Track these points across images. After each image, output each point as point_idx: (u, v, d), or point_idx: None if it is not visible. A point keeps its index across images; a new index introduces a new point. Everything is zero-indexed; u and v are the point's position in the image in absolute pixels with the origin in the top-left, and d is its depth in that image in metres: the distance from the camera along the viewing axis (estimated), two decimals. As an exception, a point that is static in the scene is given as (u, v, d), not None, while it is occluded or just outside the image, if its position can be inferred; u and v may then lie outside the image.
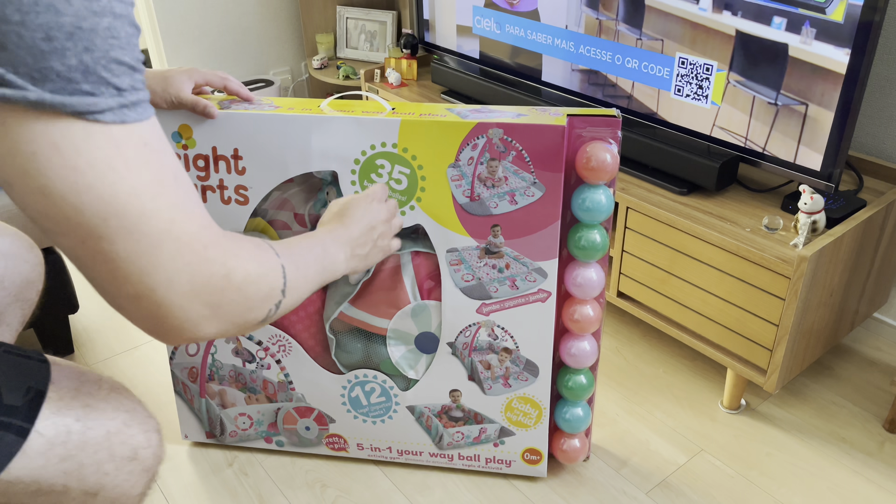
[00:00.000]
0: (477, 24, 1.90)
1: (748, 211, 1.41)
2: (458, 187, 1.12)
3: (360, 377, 1.28)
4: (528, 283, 1.17)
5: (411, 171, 1.11)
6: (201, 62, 2.38)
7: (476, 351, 1.23)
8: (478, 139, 1.08)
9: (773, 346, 1.32)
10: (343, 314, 1.24)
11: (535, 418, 1.27)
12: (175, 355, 1.32)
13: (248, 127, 1.11)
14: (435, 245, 1.16)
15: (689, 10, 1.41)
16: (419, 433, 1.31)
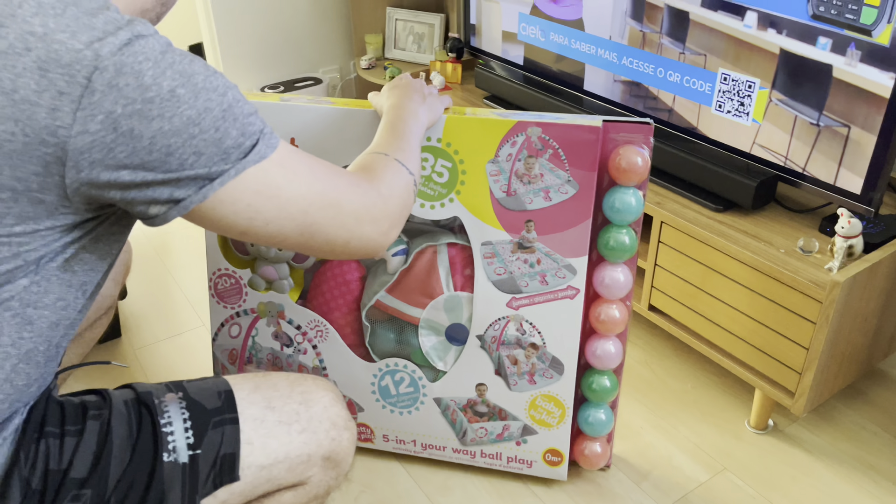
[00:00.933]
0: (522, 31, 1.92)
1: (784, 231, 1.40)
2: (495, 182, 1.17)
3: (390, 366, 1.31)
4: (558, 280, 1.20)
5: (453, 164, 1.17)
6: (254, 58, 2.44)
7: (504, 345, 1.25)
8: (517, 136, 1.13)
9: (802, 369, 1.31)
10: (379, 302, 1.28)
11: (558, 418, 1.29)
12: (217, 337, 1.38)
13: (305, 118, 1.18)
14: (470, 237, 1.21)
15: (734, 26, 1.40)
16: (444, 427, 1.34)
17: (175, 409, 0.84)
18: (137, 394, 0.85)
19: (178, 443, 0.82)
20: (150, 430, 0.81)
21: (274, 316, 1.33)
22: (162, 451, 0.81)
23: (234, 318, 1.35)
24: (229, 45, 2.38)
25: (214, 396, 0.88)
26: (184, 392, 0.87)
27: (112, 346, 1.74)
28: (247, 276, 1.31)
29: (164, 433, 0.81)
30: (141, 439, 0.80)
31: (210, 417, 0.85)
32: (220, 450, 0.84)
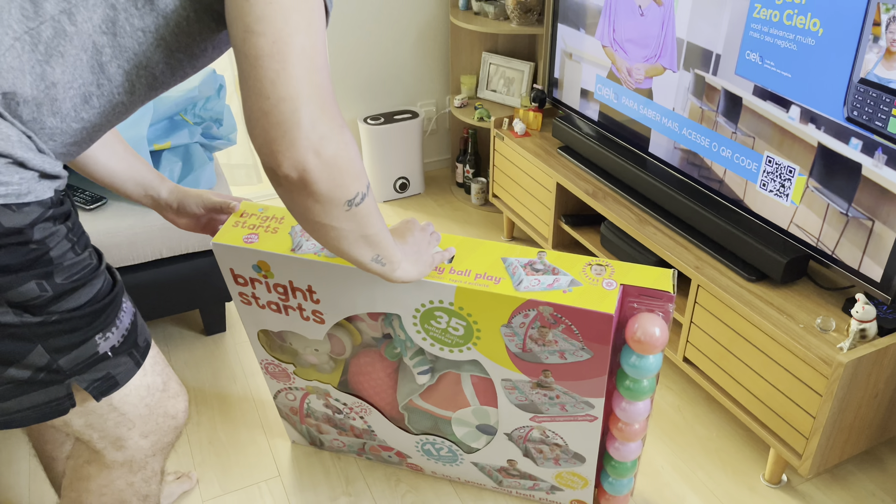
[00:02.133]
0: (598, 91, 2.10)
1: (809, 307, 1.53)
2: (510, 341, 1.21)
3: (429, 439, 1.50)
4: (577, 409, 1.29)
5: (467, 324, 1.21)
6: (360, 89, 2.73)
7: (530, 441, 1.40)
8: (529, 311, 1.15)
9: (809, 434, 1.45)
10: (412, 401, 1.45)
11: (581, 485, 1.46)
12: (277, 397, 1.58)
13: (319, 271, 1.22)
14: (491, 375, 1.29)
15: (780, 116, 1.54)
16: (482, 477, 1.55)
17: (125, 317, 0.97)
18: (115, 281, 0.98)
19: (112, 338, 0.94)
20: (110, 309, 0.95)
21: (322, 395, 1.51)
22: (99, 333, 0.93)
23: (288, 390, 1.54)
24: (340, 74, 2.68)
25: (144, 341, 1.01)
26: (135, 314, 1.00)
27: (218, 339, 2.06)
28: (291, 367, 1.47)
29: (115, 321, 0.95)
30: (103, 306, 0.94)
31: (132, 349, 0.98)
32: (116, 369, 0.96)
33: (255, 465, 1.66)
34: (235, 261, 1.27)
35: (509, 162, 2.36)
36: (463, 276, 1.17)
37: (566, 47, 2.19)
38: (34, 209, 0.84)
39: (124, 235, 1.75)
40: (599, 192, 2.02)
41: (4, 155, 0.80)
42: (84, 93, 0.84)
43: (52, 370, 0.90)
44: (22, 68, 0.78)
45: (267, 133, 0.79)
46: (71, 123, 0.86)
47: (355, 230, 0.93)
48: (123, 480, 1.07)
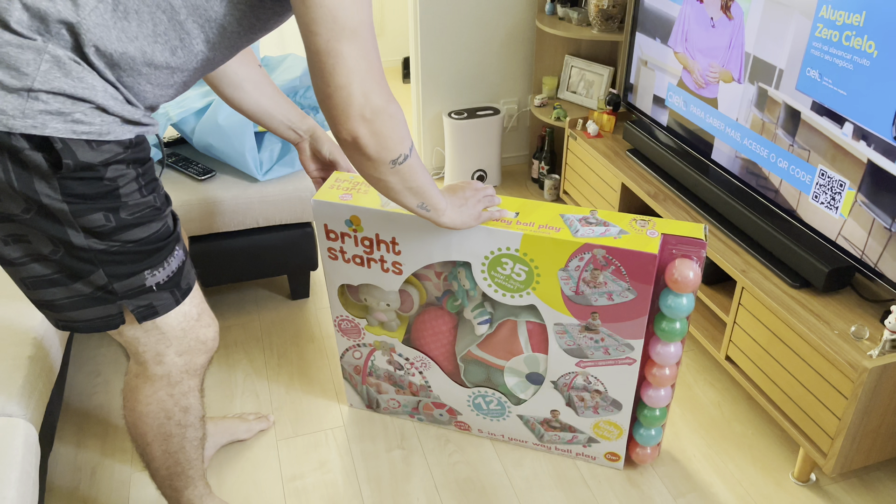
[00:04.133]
0: (669, 98, 2.20)
1: (847, 316, 1.60)
2: (566, 284, 1.41)
3: (481, 392, 1.68)
4: (619, 352, 1.48)
5: (529, 269, 1.41)
6: (448, 84, 2.91)
7: (573, 389, 1.58)
8: (584, 254, 1.35)
9: (834, 435, 1.53)
10: (470, 352, 1.63)
11: (616, 435, 1.62)
12: (343, 357, 1.78)
13: (404, 223, 1.44)
14: (545, 319, 1.48)
15: (834, 132, 1.62)
16: (525, 431, 1.71)
17: (174, 262, 1.18)
18: (173, 231, 1.19)
19: (158, 276, 1.16)
20: (161, 253, 1.16)
21: (387, 351, 1.71)
22: (148, 269, 1.14)
23: (356, 347, 1.75)
24: (430, 71, 2.87)
25: (187, 285, 1.22)
26: (183, 261, 1.21)
27: (301, 304, 2.30)
28: (363, 323, 1.68)
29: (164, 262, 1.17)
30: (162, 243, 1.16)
31: (174, 289, 1.20)
32: (158, 301, 1.18)
33: (323, 415, 1.88)
34: (331, 216, 1.50)
35: (580, 161, 2.48)
36: (528, 227, 1.38)
37: (642, 55, 2.29)
38: (111, 148, 1.05)
39: (227, 205, 2.00)
40: (661, 194, 2.13)
41: (88, 101, 1.00)
42: (170, 46, 1.04)
43: (108, 291, 1.13)
44: (106, 25, 0.97)
45: (330, 111, 1.04)
46: (163, 71, 1.06)
47: (400, 182, 1.17)
48: (164, 392, 1.30)
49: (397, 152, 1.11)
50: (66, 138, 1.00)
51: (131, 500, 1.65)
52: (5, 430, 1.31)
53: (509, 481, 1.69)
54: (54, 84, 0.97)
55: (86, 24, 0.96)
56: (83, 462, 1.74)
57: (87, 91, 1.00)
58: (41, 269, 1.10)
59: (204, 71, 1.14)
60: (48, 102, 0.98)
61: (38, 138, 0.99)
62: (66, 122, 0.99)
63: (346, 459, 1.75)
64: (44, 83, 0.97)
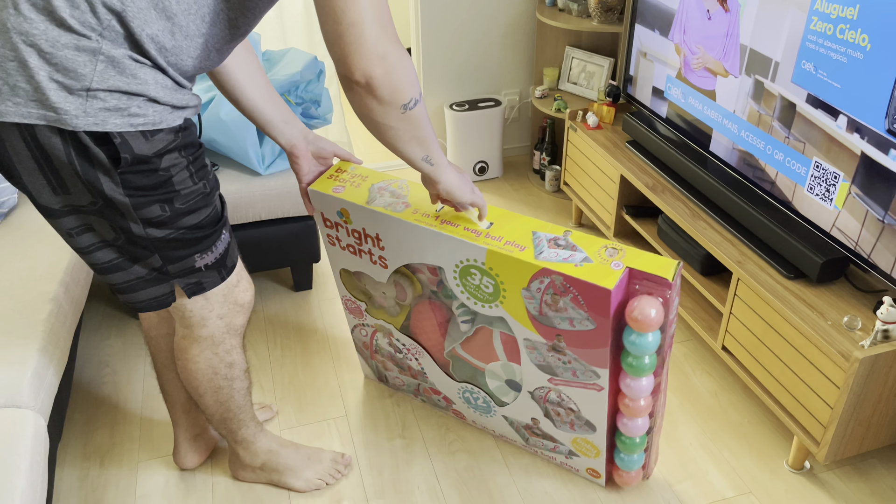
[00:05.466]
0: (668, 90, 2.21)
1: (841, 306, 1.62)
2: (530, 303, 1.39)
3: (468, 388, 1.70)
4: (586, 377, 1.44)
5: (495, 283, 1.40)
6: (449, 76, 2.93)
7: (548, 403, 1.57)
8: (544, 278, 1.32)
9: (826, 423, 1.55)
10: (454, 350, 1.66)
11: (594, 454, 1.61)
12: (353, 332, 1.84)
13: (385, 222, 1.47)
14: (515, 333, 1.47)
15: (829, 124, 1.63)
16: (512, 432, 1.74)
17: (221, 245, 1.28)
18: (221, 216, 1.28)
19: (206, 258, 1.26)
20: (210, 238, 1.25)
21: (386, 334, 1.75)
22: (198, 253, 1.24)
23: (362, 326, 1.80)
24: (430, 59, 2.88)
25: (231, 262, 1.32)
26: (229, 243, 1.31)
27: (304, 295, 2.33)
28: (363, 305, 1.72)
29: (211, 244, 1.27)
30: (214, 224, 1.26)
31: (221, 268, 1.31)
32: (206, 279, 1.29)
33: (326, 405, 1.91)
34: (325, 206, 1.55)
35: (580, 152, 2.50)
36: (495, 241, 1.36)
37: (642, 46, 2.30)
38: (164, 137, 1.12)
39: (230, 198, 2.03)
40: (659, 185, 2.15)
41: (141, 94, 1.07)
42: (200, 14, 1.07)
43: (163, 272, 1.25)
44: (147, 8, 1.02)
45: (342, 50, 1.02)
46: (197, 41, 1.10)
47: (409, 130, 1.16)
48: (210, 351, 1.41)
49: (409, 95, 1.10)
50: (124, 132, 1.07)
51: (139, 488, 1.69)
52: (15, 421, 1.35)
53: (508, 470, 1.72)
54: (110, 83, 1.04)
55: (130, 10, 1.01)
56: (92, 451, 1.79)
57: (140, 86, 1.07)
58: (106, 255, 1.21)
59: (232, 37, 1.17)
60: (106, 100, 1.05)
61: (99, 134, 1.06)
62: (124, 117, 1.07)
63: (348, 448, 1.79)
64: (101, 83, 1.03)
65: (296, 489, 1.66)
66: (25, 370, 1.43)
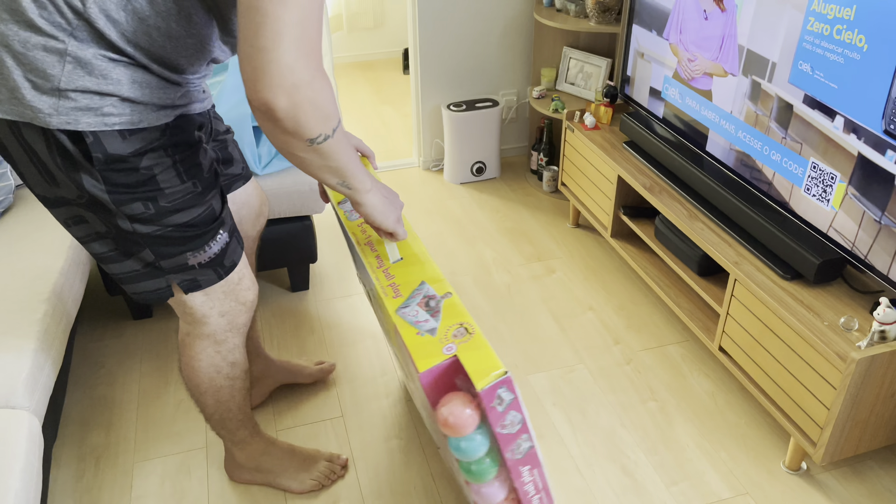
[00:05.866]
0: (665, 90, 2.21)
1: (838, 307, 1.62)
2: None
3: None
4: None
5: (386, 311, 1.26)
6: (447, 76, 2.93)
7: None
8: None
9: (823, 424, 1.55)
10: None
11: None
12: None
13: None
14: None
15: (826, 125, 1.63)
16: None
17: (215, 246, 1.25)
18: (218, 217, 1.25)
19: (199, 257, 1.24)
20: (203, 238, 1.23)
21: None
22: (190, 252, 1.22)
23: None
24: (427, 59, 2.88)
25: (231, 262, 1.30)
26: (227, 244, 1.28)
27: (301, 296, 2.32)
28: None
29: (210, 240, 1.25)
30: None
31: (217, 267, 1.29)
32: (201, 277, 1.27)
33: (322, 406, 1.91)
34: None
35: (577, 153, 2.50)
36: (384, 279, 1.27)
37: (639, 47, 2.30)
38: (146, 136, 1.10)
39: (227, 198, 2.03)
40: (656, 186, 2.14)
41: (114, 95, 1.05)
42: (184, 14, 1.04)
43: (156, 267, 1.24)
44: (115, 8, 1.00)
45: (247, 72, 0.94)
46: (185, 40, 1.07)
47: (317, 161, 1.07)
48: (212, 349, 1.41)
49: (317, 131, 1.01)
50: (97, 131, 1.06)
51: (134, 489, 1.69)
52: (9, 421, 1.34)
53: (504, 470, 1.72)
54: (79, 83, 1.03)
55: (92, 12, 1.00)
56: (87, 452, 1.78)
57: (111, 86, 1.05)
58: (100, 247, 1.22)
59: (231, 31, 1.14)
60: (77, 100, 1.04)
61: (73, 133, 1.06)
62: (98, 116, 1.05)
63: (344, 450, 1.78)
64: (69, 83, 1.03)
65: (291, 490, 1.66)
66: (20, 370, 1.43)
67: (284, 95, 0.94)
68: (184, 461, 1.75)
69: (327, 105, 1.00)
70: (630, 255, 2.28)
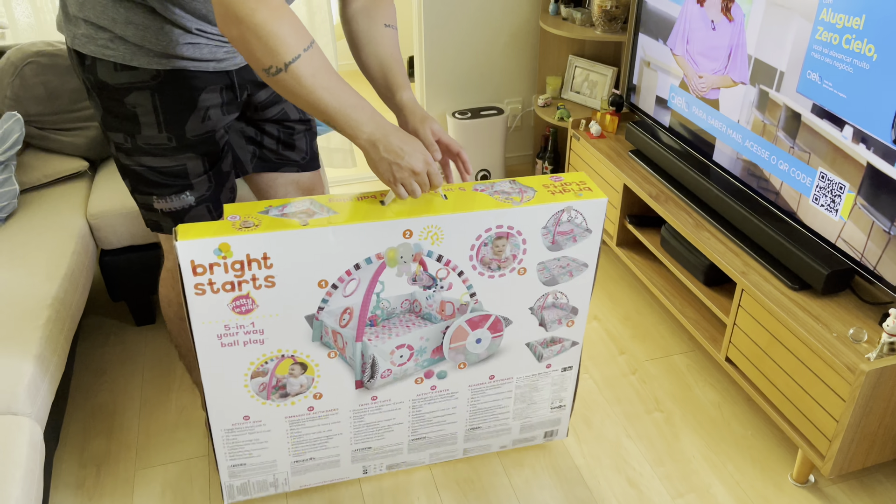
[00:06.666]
0: (671, 99, 2.20)
1: (846, 318, 1.60)
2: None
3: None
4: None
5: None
6: (452, 84, 2.92)
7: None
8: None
9: (832, 436, 1.53)
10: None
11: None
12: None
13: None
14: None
15: (835, 134, 1.62)
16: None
17: (178, 202, 1.36)
18: (190, 182, 1.35)
19: (163, 205, 1.36)
20: (169, 189, 1.34)
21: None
22: (155, 196, 1.34)
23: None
24: (433, 67, 2.88)
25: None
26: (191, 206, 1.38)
27: (304, 304, 2.31)
28: None
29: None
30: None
31: (177, 221, 1.39)
32: (164, 221, 1.38)
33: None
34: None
35: (583, 161, 2.49)
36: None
37: (645, 56, 2.29)
38: (137, 74, 1.19)
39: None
40: (662, 195, 2.13)
41: (108, 30, 1.15)
42: None
43: (133, 196, 1.38)
44: None
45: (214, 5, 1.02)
46: None
47: (283, 92, 1.07)
48: (170, 283, 1.50)
49: (266, 63, 1.03)
50: (96, 57, 1.17)
51: (136, 497, 1.67)
52: (10, 428, 1.33)
53: (509, 481, 1.70)
54: (82, 13, 1.15)
55: None
56: (88, 460, 1.77)
57: (106, 21, 1.15)
58: (114, 163, 1.44)
59: None
60: (81, 27, 1.17)
61: (81, 54, 1.19)
62: (97, 46, 1.17)
63: (347, 458, 1.77)
64: (77, 11, 1.16)
65: None
66: (22, 377, 1.42)
67: (233, 27, 1.01)
68: (185, 469, 1.74)
69: (271, 38, 1.00)
70: (635, 265, 2.27)
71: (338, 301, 1.36)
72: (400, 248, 1.33)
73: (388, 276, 1.36)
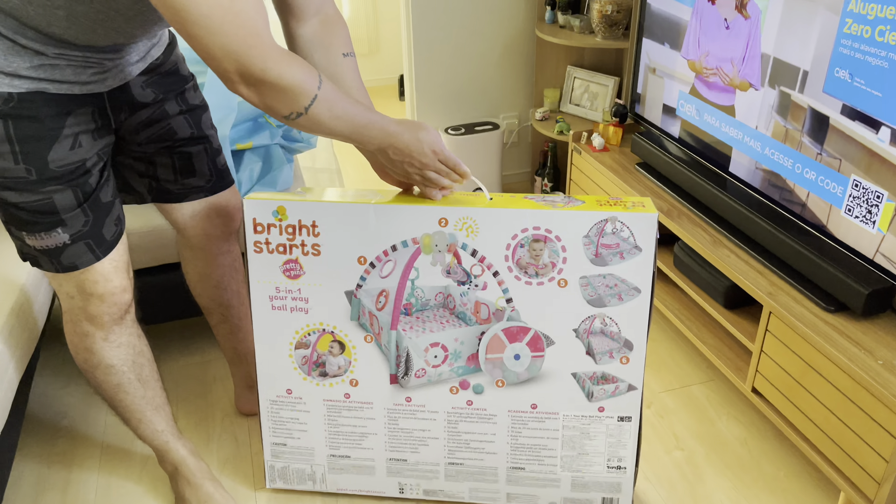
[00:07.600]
0: (680, 107, 2.04)
1: (891, 343, 1.42)
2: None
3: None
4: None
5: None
6: (445, 99, 2.77)
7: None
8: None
9: (881, 479, 1.34)
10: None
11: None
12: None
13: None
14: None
15: (869, 137, 1.45)
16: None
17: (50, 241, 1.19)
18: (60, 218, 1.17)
19: (34, 243, 1.18)
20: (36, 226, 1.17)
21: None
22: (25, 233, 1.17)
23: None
24: (423, 80, 2.72)
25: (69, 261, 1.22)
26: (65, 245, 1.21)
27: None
28: None
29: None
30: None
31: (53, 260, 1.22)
32: (41, 258, 1.21)
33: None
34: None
35: (586, 176, 2.32)
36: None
37: (650, 62, 2.14)
38: None
39: (203, 229, 1.84)
40: (675, 210, 1.96)
41: None
42: None
43: (7, 230, 1.20)
44: None
45: (213, 70, 0.98)
46: (57, 11, 0.98)
47: (308, 128, 1.10)
48: (69, 326, 1.33)
49: (287, 111, 1.05)
50: None
51: (90, 561, 1.47)
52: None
53: (514, 534, 1.51)
54: None
55: None
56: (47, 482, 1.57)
57: None
58: None
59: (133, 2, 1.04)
60: None
61: None
62: None
63: (331, 510, 1.57)
64: None
65: None
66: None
67: (246, 90, 1.00)
68: (149, 527, 1.54)
69: (288, 91, 1.02)
70: (646, 286, 2.09)
71: (375, 281, 1.39)
72: (435, 235, 1.34)
73: (423, 264, 1.37)
